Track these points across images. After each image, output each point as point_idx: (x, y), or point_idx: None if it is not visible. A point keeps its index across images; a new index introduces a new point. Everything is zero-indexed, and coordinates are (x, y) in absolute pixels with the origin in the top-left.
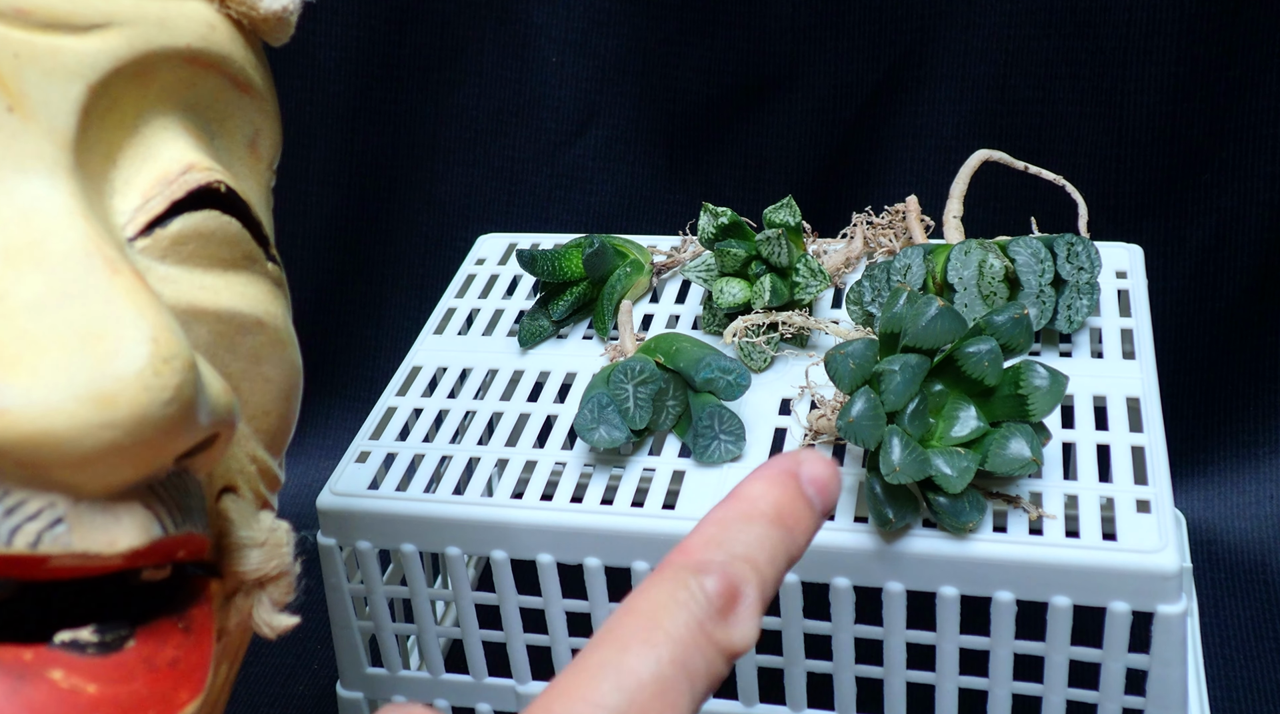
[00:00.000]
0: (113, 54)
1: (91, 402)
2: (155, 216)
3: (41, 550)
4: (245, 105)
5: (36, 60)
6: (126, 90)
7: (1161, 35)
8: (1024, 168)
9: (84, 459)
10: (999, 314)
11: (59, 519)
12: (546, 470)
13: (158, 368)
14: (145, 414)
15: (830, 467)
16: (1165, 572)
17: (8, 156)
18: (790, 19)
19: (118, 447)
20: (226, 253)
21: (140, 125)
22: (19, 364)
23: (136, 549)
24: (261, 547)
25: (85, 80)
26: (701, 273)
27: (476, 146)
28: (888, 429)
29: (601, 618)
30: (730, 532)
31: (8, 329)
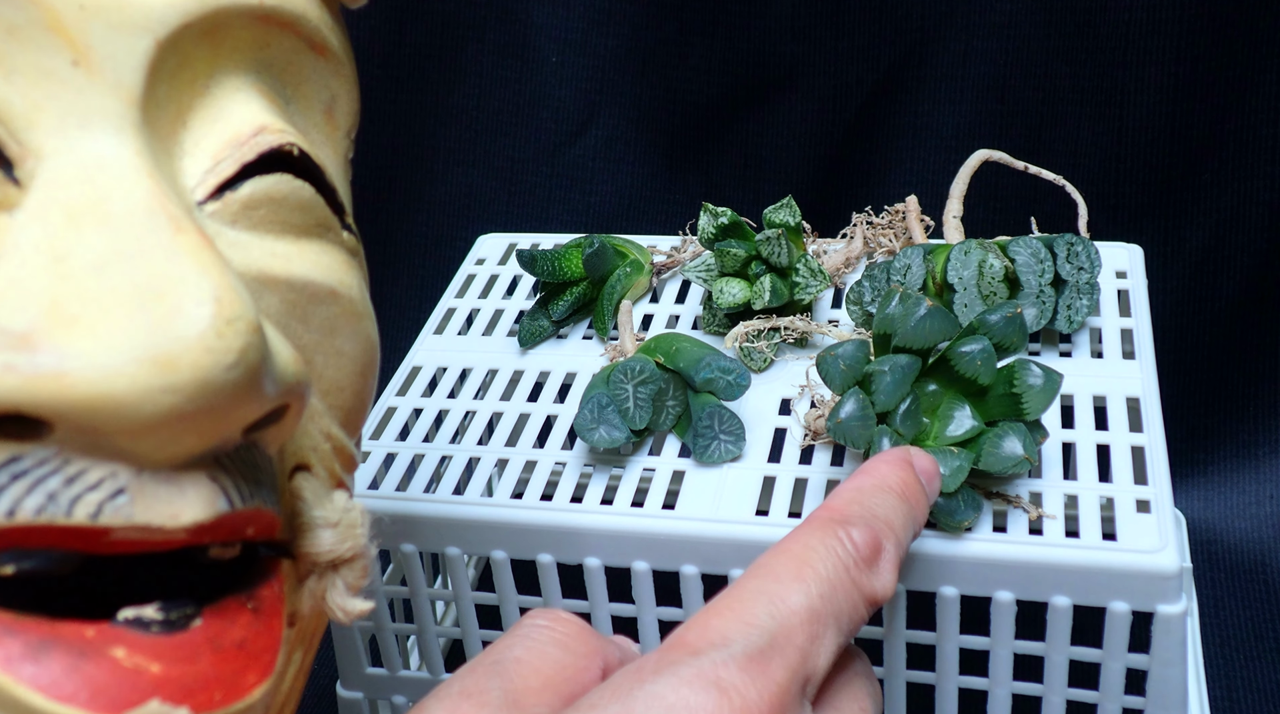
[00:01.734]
0: (182, 9)
1: (151, 364)
2: (225, 179)
3: (103, 522)
4: (321, 69)
5: (103, 12)
6: (196, 47)
7: (1161, 35)
8: (1024, 168)
9: (145, 425)
10: (992, 313)
11: (120, 490)
12: (546, 470)
13: (220, 329)
14: (208, 378)
15: (934, 462)
16: (1165, 572)
17: (72, 112)
18: (790, 19)
19: (180, 412)
20: (299, 219)
21: (211, 85)
22: (78, 324)
23: (201, 523)
24: (335, 527)
25: (153, 35)
26: (701, 273)
27: (476, 146)
28: (877, 430)
29: (602, 617)
30: (867, 497)
31: (68, 288)
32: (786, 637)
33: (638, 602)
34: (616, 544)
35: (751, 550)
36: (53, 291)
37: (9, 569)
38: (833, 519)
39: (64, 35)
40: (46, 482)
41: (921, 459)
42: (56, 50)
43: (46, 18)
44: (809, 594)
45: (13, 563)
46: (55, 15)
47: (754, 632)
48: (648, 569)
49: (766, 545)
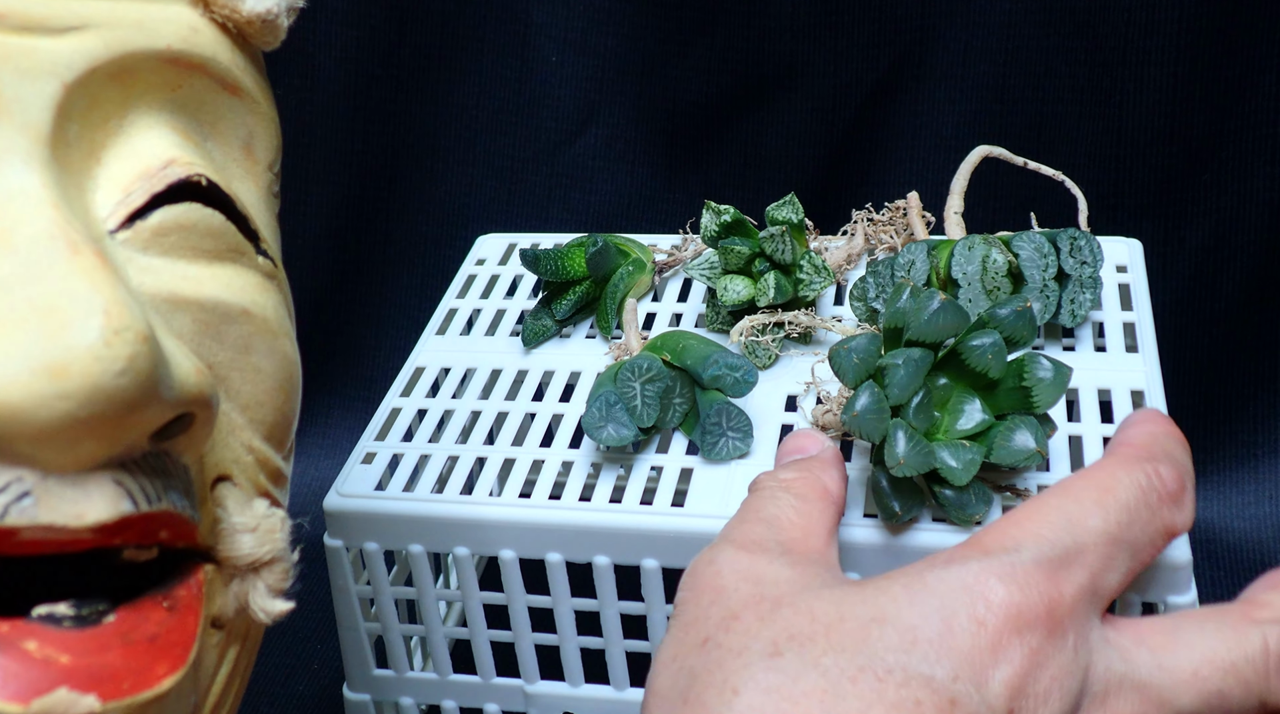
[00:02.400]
0: (89, 54)
1: (44, 373)
2: (135, 209)
3: (8, 522)
4: (236, 107)
5: (10, 59)
6: (106, 89)
7: (1161, 35)
8: (1023, 163)
9: (41, 430)
10: (1002, 307)
11: (25, 492)
12: (554, 469)
13: (109, 339)
14: (98, 384)
15: None
16: (1175, 563)
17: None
18: (790, 18)
19: (74, 418)
20: (210, 244)
21: (125, 124)
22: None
23: (105, 523)
24: (254, 532)
25: (60, 79)
26: (705, 271)
27: (476, 146)
28: (892, 423)
29: (611, 616)
30: (1161, 441)
31: None
32: (1079, 554)
33: (647, 600)
34: (625, 542)
35: None
36: None
37: None
38: (1139, 456)
39: None
40: None
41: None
42: None
43: None
44: (1108, 520)
45: None
46: None
47: (1046, 544)
48: (657, 566)
49: None
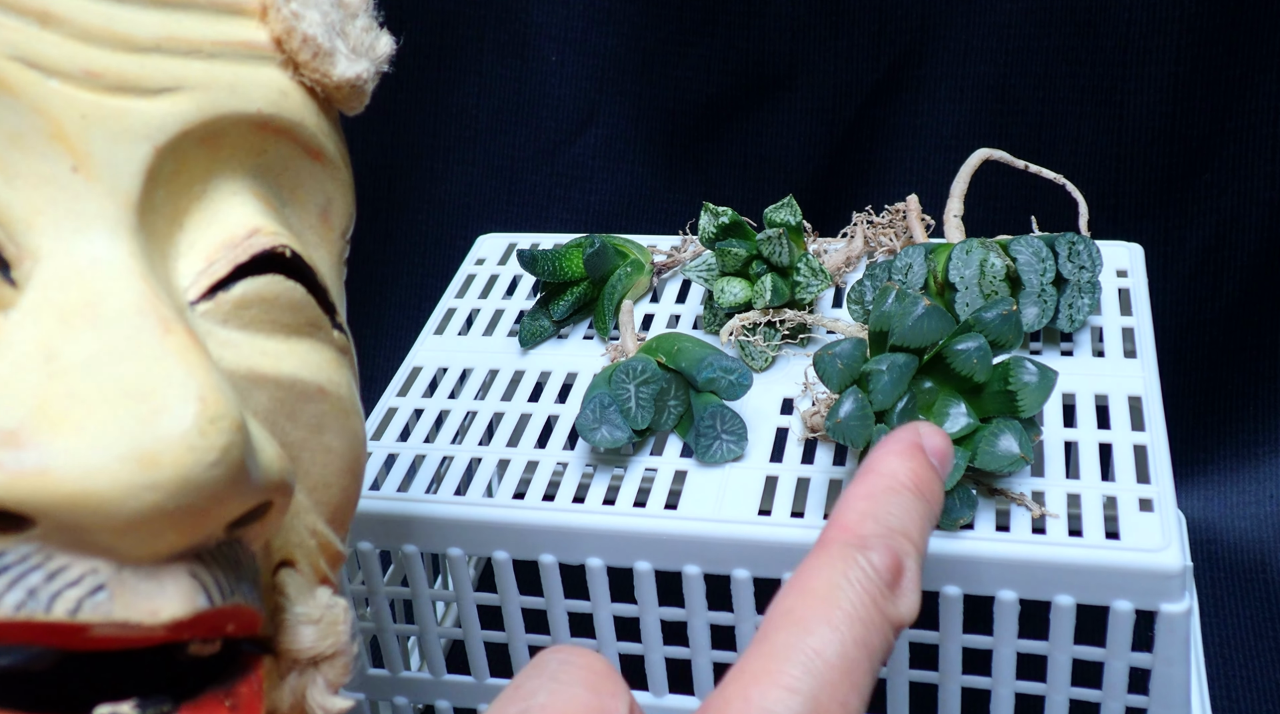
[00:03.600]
0: (181, 117)
1: (135, 461)
2: (218, 280)
3: (81, 618)
4: (317, 173)
5: (104, 122)
6: (194, 154)
7: (1161, 35)
8: (1024, 167)
9: (127, 522)
10: (987, 311)
11: (100, 585)
12: (548, 471)
13: (204, 428)
14: (190, 476)
15: (945, 438)
16: (1168, 570)
17: (69, 216)
18: (790, 18)
19: (161, 509)
20: (289, 318)
21: (208, 189)
22: (64, 422)
23: (180, 620)
24: (317, 624)
25: (152, 142)
26: (702, 272)
27: (476, 146)
28: (876, 428)
29: (604, 618)
30: (881, 505)
31: (58, 388)
32: (829, 694)
33: (640, 602)
34: (619, 544)
35: (754, 550)
36: (43, 391)
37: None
38: (849, 542)
39: (65, 143)
40: (27, 577)
41: (932, 437)
42: (57, 157)
43: (49, 127)
44: (843, 640)
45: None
46: (58, 124)
47: (795, 699)
48: (650, 569)
49: (768, 545)
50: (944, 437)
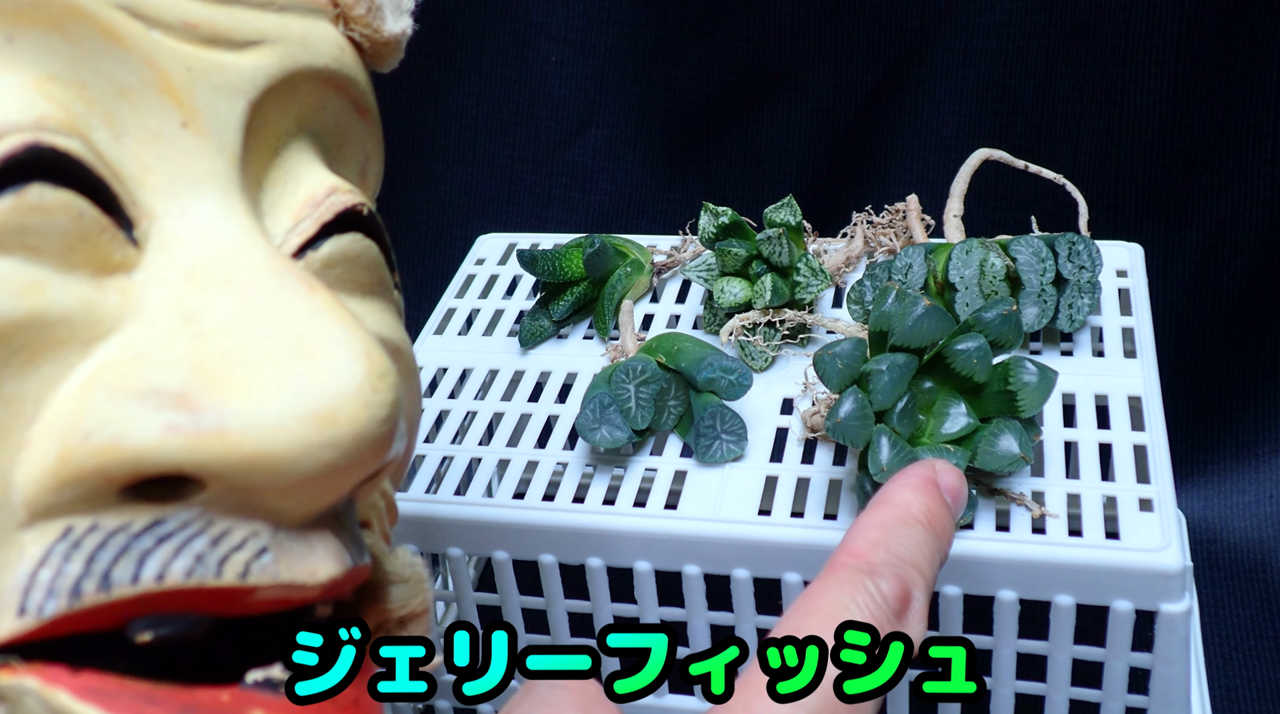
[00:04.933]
0: (267, 71)
1: (312, 420)
2: (308, 239)
3: (250, 581)
4: (361, 131)
5: (206, 75)
6: (274, 109)
7: (1161, 35)
8: (1024, 167)
9: (301, 480)
10: (988, 311)
11: (264, 548)
12: (548, 471)
13: (375, 384)
14: (364, 432)
15: (960, 477)
16: (1168, 570)
17: (182, 173)
18: (790, 18)
19: (335, 466)
20: (368, 278)
21: (281, 147)
22: (230, 383)
23: (335, 579)
24: (406, 583)
25: (247, 97)
26: (702, 272)
27: (476, 146)
28: (876, 428)
29: (604, 619)
30: (893, 536)
31: (209, 349)
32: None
33: (640, 602)
34: (619, 544)
35: (754, 550)
36: (193, 352)
37: (146, 636)
38: (859, 568)
39: (174, 97)
40: (193, 543)
41: (948, 476)
42: (166, 112)
43: (158, 80)
44: None
45: (150, 630)
46: (166, 77)
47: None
48: (650, 569)
49: (768, 545)
50: (959, 476)
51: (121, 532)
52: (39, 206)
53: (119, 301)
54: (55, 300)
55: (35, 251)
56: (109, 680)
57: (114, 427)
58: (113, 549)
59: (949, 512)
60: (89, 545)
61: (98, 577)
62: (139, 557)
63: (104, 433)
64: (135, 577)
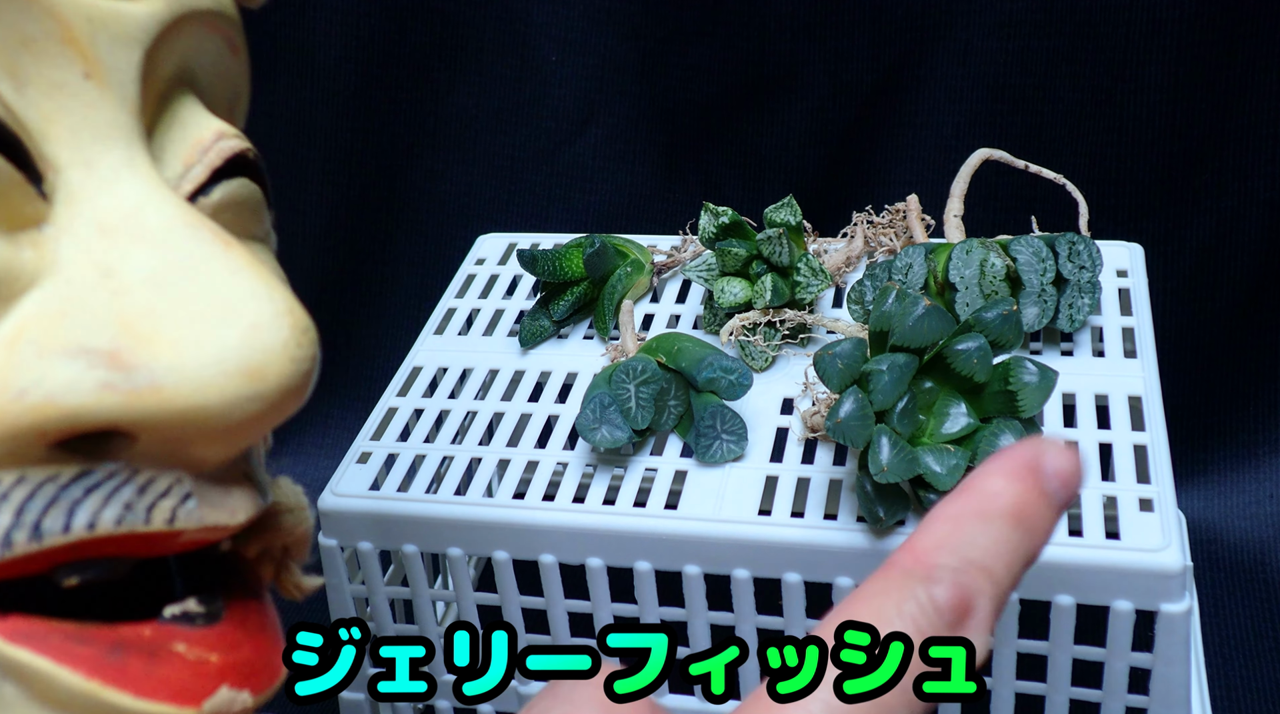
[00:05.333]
0: (158, 17)
1: (242, 375)
2: (199, 185)
3: (177, 526)
4: (232, 67)
5: (106, 25)
6: (161, 55)
7: (1162, 35)
8: (1024, 167)
9: (228, 431)
10: (988, 311)
11: (188, 494)
12: (548, 471)
13: (299, 340)
14: (290, 385)
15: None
16: (1169, 570)
17: (86, 126)
18: (790, 18)
19: (261, 417)
20: (254, 223)
21: (165, 92)
22: (158, 340)
23: (250, 520)
24: (291, 511)
25: (142, 45)
26: (702, 272)
27: (476, 145)
28: (876, 428)
29: (604, 618)
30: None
31: (132, 305)
32: None
33: (640, 602)
34: (619, 544)
35: (754, 550)
36: (116, 309)
37: (74, 580)
38: (914, 572)
39: (76, 48)
40: (120, 492)
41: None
42: (69, 63)
43: (61, 30)
44: None
45: (76, 574)
46: (69, 28)
47: None
48: (650, 569)
49: (768, 545)
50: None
51: (50, 482)
52: None
53: (33, 256)
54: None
55: None
56: (36, 623)
57: (49, 385)
58: (41, 500)
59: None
60: (17, 497)
61: (28, 527)
62: (69, 506)
63: (39, 391)
64: (66, 526)
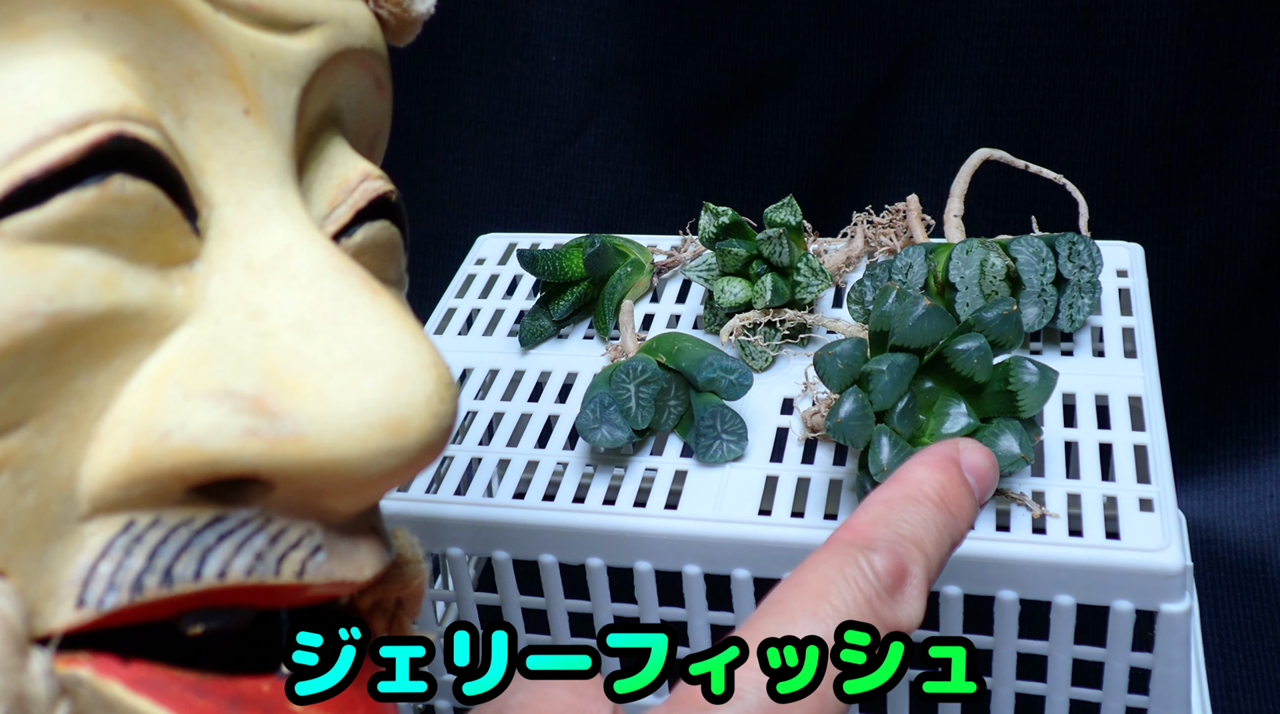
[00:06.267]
0: (316, 55)
1: (384, 428)
2: (343, 226)
3: (306, 579)
4: (377, 106)
5: (268, 61)
6: (315, 93)
7: (1162, 34)
8: (1024, 166)
9: (365, 484)
10: (988, 311)
11: (319, 547)
12: (548, 470)
13: (442, 395)
14: (430, 441)
15: (989, 457)
16: (1169, 570)
17: (241, 162)
18: (790, 17)
19: (398, 471)
20: (391, 266)
21: (315, 130)
22: (303, 388)
23: (378, 575)
24: (409, 564)
25: (300, 83)
26: (702, 272)
27: (476, 146)
28: (876, 428)
29: (604, 619)
30: (897, 512)
31: (278, 348)
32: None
33: (640, 602)
34: (619, 544)
35: (754, 550)
36: (262, 352)
37: (198, 629)
38: (854, 542)
39: (239, 83)
40: (252, 541)
41: (973, 454)
42: (230, 98)
43: (226, 65)
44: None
45: (202, 622)
46: (233, 62)
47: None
48: (650, 569)
49: (768, 545)
50: (987, 455)
51: (184, 527)
52: (120, 198)
53: (183, 293)
54: (130, 293)
55: (111, 243)
56: (157, 671)
57: (192, 428)
58: (175, 544)
59: (968, 490)
60: (151, 540)
61: (160, 572)
62: (201, 553)
63: (183, 434)
64: (198, 573)
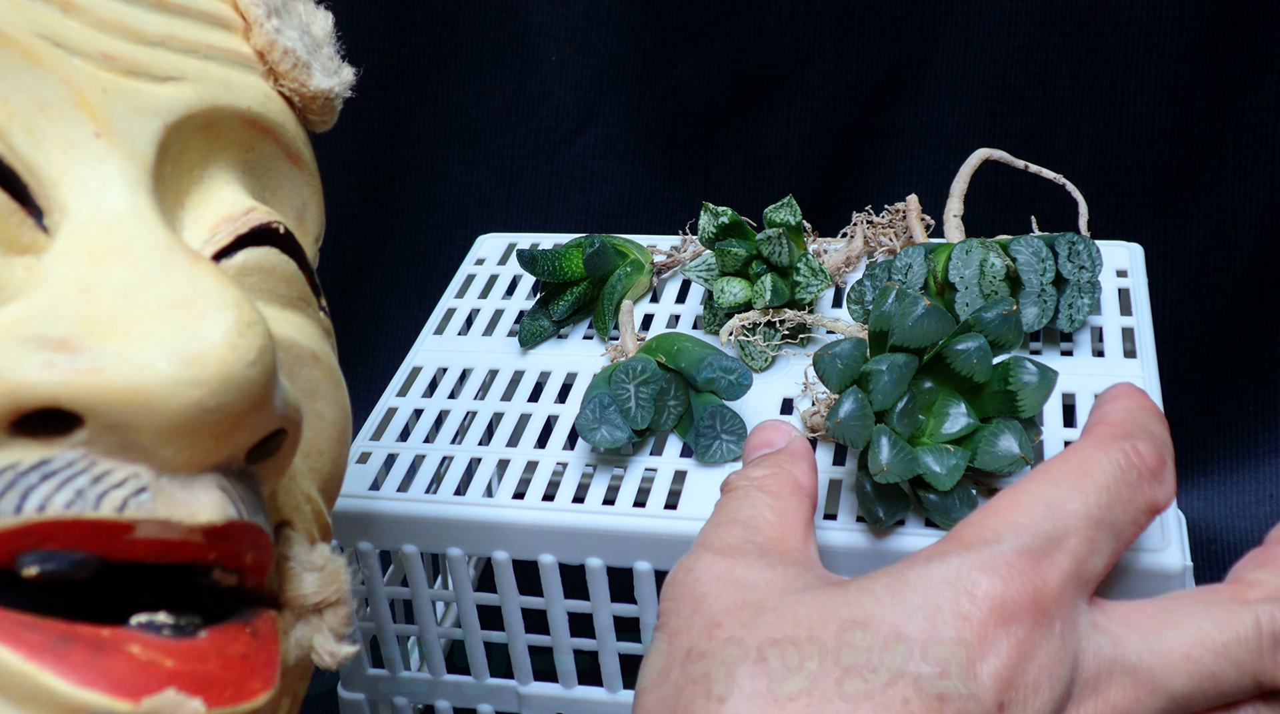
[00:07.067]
0: (185, 101)
1: (180, 359)
2: (222, 248)
3: (127, 516)
4: (295, 178)
5: (122, 96)
6: (195, 138)
7: (1162, 34)
8: (1024, 167)
9: (173, 418)
10: (987, 311)
11: (143, 487)
12: (548, 471)
13: (241, 330)
14: (231, 373)
15: None
16: (1169, 570)
17: (94, 174)
18: (790, 17)
19: (203, 407)
20: (284, 290)
21: (204, 174)
22: (111, 332)
23: (215, 525)
24: (320, 571)
25: (162, 119)
26: (702, 272)
27: (476, 146)
28: (876, 428)
29: (605, 619)
30: (1139, 417)
31: (98, 307)
32: (1061, 540)
33: (640, 602)
34: (619, 544)
35: None
36: (84, 311)
37: (33, 570)
38: (1116, 434)
39: (89, 111)
40: (75, 480)
41: None
42: (81, 123)
43: (75, 96)
44: (1087, 502)
45: (36, 564)
46: (82, 94)
47: (1027, 533)
48: (650, 569)
49: None
50: None
51: (9, 469)
52: None
53: (24, 276)
54: None
55: None
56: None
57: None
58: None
59: None
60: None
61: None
62: (24, 491)
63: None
64: (18, 508)
